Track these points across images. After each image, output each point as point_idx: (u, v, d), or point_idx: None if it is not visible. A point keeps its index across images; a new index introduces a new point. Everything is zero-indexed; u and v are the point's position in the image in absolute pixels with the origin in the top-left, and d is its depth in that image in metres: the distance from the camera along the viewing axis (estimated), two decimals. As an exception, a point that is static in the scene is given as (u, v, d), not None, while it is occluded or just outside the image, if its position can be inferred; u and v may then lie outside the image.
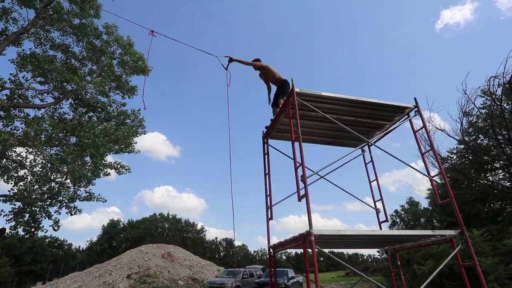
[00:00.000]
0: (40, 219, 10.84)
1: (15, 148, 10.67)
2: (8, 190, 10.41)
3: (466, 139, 12.72)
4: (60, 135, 10.60)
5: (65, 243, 51.36)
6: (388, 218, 5.97)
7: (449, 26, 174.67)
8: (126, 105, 13.50)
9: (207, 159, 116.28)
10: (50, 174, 11.24)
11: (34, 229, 10.76)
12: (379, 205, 6.02)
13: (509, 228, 11.80)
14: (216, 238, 67.47)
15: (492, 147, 12.48)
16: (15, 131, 10.73)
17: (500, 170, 13.36)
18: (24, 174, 11.25)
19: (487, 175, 14.05)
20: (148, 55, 8.52)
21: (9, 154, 11.02)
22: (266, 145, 6.00)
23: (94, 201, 11.89)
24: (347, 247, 6.29)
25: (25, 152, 11.27)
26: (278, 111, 5.56)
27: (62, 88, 12.19)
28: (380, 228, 5.95)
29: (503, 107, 10.39)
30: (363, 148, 6.45)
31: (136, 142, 12.99)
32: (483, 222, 14.51)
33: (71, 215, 11.53)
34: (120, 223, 55.04)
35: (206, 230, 63.18)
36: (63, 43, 12.71)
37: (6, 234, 13.06)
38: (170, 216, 57.27)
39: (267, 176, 5.76)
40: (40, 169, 11.47)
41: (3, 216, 10.21)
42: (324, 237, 3.87)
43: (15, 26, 11.43)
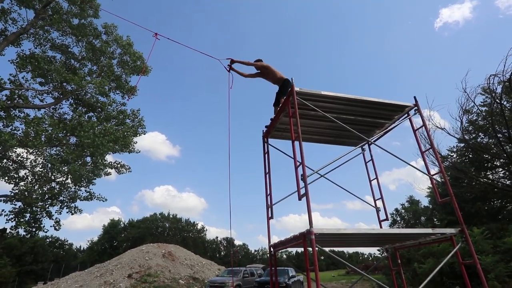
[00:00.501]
0: (41, 219, 10.86)
1: (16, 148, 10.67)
2: (10, 191, 10.44)
3: (466, 137, 12.72)
4: (60, 135, 10.61)
5: (66, 243, 51.49)
6: (389, 217, 5.98)
7: (448, 25, 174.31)
8: (126, 105, 13.51)
9: (207, 158, 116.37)
10: (50, 174, 11.25)
11: (35, 229, 10.78)
12: (379, 203, 6.03)
13: (509, 226, 11.82)
14: (217, 238, 67.61)
15: (492, 145, 12.48)
16: (15, 132, 10.75)
17: (500, 168, 13.36)
18: (25, 174, 11.27)
19: (487, 173, 14.05)
20: (148, 56, 8.52)
21: (9, 154, 11.03)
22: (266, 144, 6.01)
23: (94, 200, 11.95)
24: (348, 246, 6.31)
25: (25, 153, 11.28)
26: (278, 110, 5.56)
27: (62, 88, 12.19)
28: (381, 226, 5.96)
29: (503, 105, 10.39)
30: (363, 147, 6.46)
31: (136, 142, 13.01)
32: (483, 220, 14.51)
33: (72, 214, 11.56)
34: (121, 223, 55.11)
35: (206, 230, 63.33)
36: (63, 44, 12.71)
37: (7, 234, 13.08)
38: (171, 216, 57.30)
39: (267, 175, 5.76)
40: (40, 169, 11.48)
41: (4, 216, 10.23)
42: (324, 235, 3.88)
43: (15, 27, 11.44)
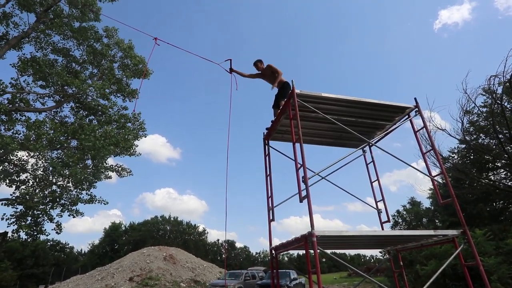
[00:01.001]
0: (42, 223, 10.85)
1: (17, 152, 10.69)
2: (11, 194, 10.43)
3: (467, 138, 12.69)
4: (61, 138, 10.61)
5: (67, 246, 51.51)
6: (390, 219, 5.96)
7: (447, 26, 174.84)
8: (127, 108, 13.51)
9: (208, 161, 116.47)
10: (51, 177, 11.26)
11: (36, 232, 10.78)
12: (381, 205, 6.01)
13: (511, 228, 11.75)
14: (218, 240, 67.46)
15: (493, 146, 12.45)
16: (16, 135, 10.77)
17: (502, 169, 13.32)
18: (26, 177, 11.27)
19: (489, 174, 14.01)
20: (148, 60, 8.57)
21: (10, 158, 11.05)
22: (267, 146, 6.01)
23: (95, 203, 11.93)
24: (349, 248, 6.28)
25: (26, 156, 11.30)
26: (278, 112, 5.57)
27: (63, 91, 12.23)
28: (382, 228, 5.94)
29: (503, 106, 10.37)
30: (364, 148, 6.45)
31: (137, 145, 13.02)
32: (486, 221, 14.44)
33: (73, 217, 11.54)
34: (122, 226, 55.09)
35: (207, 232, 63.17)
36: (64, 47, 12.77)
37: (8, 238, 13.08)
38: (172, 219, 57.29)
39: (268, 177, 5.75)
40: (41, 172, 11.49)
41: (5, 220, 10.22)
42: (326, 238, 3.87)
43: (16, 31, 11.51)
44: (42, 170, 11.54)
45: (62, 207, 11.23)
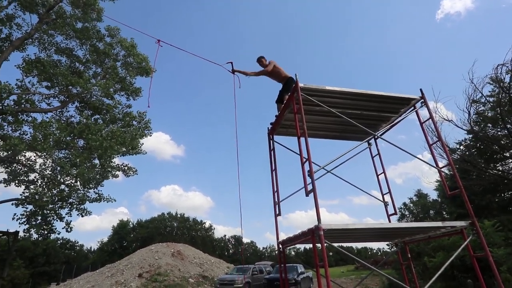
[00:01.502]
0: (52, 222, 11.02)
1: (25, 152, 10.83)
2: (20, 194, 10.60)
3: (475, 128, 12.51)
4: (67, 138, 10.71)
5: (76, 244, 52.32)
6: (397, 211, 5.93)
7: (449, 16, 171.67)
8: (131, 107, 13.59)
9: (212, 157, 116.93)
10: (60, 177, 11.40)
11: (47, 231, 10.95)
12: (387, 198, 5.99)
13: (520, 218, 11.62)
14: (225, 236, 68.00)
15: (501, 136, 12.26)
16: (23, 136, 10.89)
17: (510, 160, 13.13)
18: (35, 177, 11.44)
19: (497, 165, 13.83)
20: (154, 63, 8.61)
21: (19, 158, 11.20)
22: (271, 141, 6.00)
23: (103, 202, 12.04)
24: (356, 241, 6.28)
25: (34, 156, 11.44)
26: (282, 106, 5.55)
27: (68, 91, 12.31)
28: (389, 221, 5.92)
29: (511, 95, 10.18)
30: (369, 141, 6.40)
31: (142, 143, 13.10)
32: (494, 212, 14.28)
33: (82, 216, 11.68)
34: (130, 223, 55.77)
35: (214, 228, 63.68)
36: (67, 47, 12.83)
37: (19, 237, 13.33)
38: (178, 215, 57.79)
39: (273, 172, 5.76)
40: (50, 172, 11.64)
41: (16, 220, 10.39)
42: (333, 231, 3.87)
43: (19, 32, 11.58)
44: (50, 170, 11.69)
45: (70, 206, 11.38)
